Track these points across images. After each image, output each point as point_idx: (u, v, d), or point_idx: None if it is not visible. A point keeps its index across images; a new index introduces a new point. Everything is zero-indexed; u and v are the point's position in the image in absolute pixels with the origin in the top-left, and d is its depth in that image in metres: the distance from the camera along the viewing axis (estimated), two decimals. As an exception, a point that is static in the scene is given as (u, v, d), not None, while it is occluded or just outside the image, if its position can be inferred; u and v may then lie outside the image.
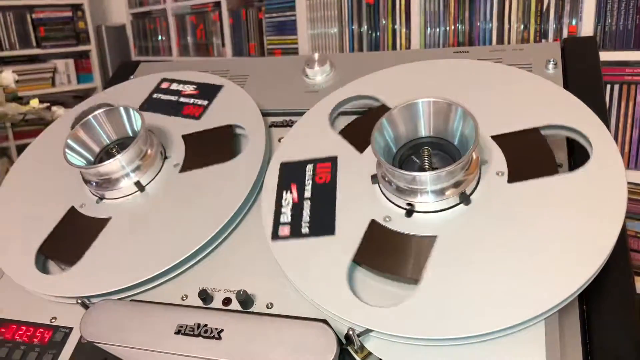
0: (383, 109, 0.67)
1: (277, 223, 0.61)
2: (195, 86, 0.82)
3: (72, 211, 0.70)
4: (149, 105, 0.81)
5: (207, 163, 0.70)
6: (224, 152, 0.70)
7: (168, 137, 0.75)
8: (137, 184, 0.69)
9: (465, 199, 0.56)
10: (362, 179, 0.62)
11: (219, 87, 0.80)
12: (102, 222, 0.67)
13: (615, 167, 0.55)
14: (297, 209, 0.61)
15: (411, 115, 0.59)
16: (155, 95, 0.83)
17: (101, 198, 0.70)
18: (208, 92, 0.80)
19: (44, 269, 0.67)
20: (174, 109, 0.79)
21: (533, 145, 0.60)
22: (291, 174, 0.65)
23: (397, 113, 0.59)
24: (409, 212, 0.57)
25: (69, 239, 0.68)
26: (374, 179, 0.60)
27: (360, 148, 0.65)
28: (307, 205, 0.61)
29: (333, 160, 0.65)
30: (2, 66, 2.88)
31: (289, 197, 0.63)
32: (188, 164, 0.71)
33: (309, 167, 0.65)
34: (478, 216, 0.55)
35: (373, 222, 0.57)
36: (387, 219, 0.57)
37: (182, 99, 0.80)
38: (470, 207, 0.56)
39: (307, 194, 0.62)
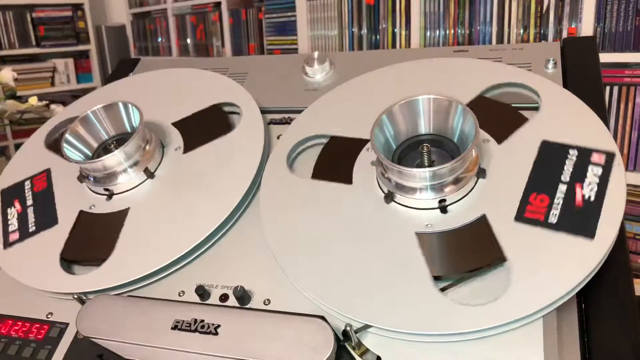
0: (335, 140, 0.67)
1: None
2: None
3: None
4: None
5: (209, 139, 0.71)
6: (221, 127, 0.72)
7: (168, 135, 0.75)
8: (146, 170, 0.69)
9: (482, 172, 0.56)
10: (376, 204, 0.60)
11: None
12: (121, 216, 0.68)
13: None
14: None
15: (411, 112, 0.59)
16: None
17: (111, 196, 0.70)
18: None
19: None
20: None
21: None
22: None
23: (397, 110, 0.59)
24: (443, 209, 0.56)
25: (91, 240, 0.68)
26: (388, 198, 0.58)
27: (347, 181, 0.63)
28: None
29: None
30: (1, 65, 2.88)
31: None
32: (189, 145, 0.72)
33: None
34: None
35: (419, 235, 0.55)
36: (429, 226, 0.56)
37: None
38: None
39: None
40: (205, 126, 0.73)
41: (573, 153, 0.56)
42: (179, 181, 0.69)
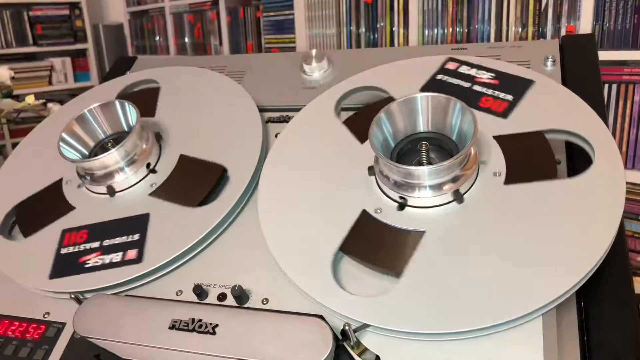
0: (389, 100, 0.66)
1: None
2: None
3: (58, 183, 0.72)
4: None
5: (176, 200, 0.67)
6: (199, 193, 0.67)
7: (166, 134, 0.74)
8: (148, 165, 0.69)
9: (458, 197, 0.55)
10: (360, 170, 0.61)
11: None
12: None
13: (615, 170, 0.55)
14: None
15: (410, 109, 0.59)
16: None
17: (114, 192, 0.69)
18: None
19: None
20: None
21: (535, 148, 0.59)
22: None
23: (395, 107, 0.59)
24: (401, 206, 0.57)
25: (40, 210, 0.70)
26: (371, 170, 0.60)
27: (362, 139, 0.64)
28: None
29: None
30: (-2, 64, 2.87)
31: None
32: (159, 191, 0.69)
33: None
34: (470, 214, 0.55)
35: (364, 213, 0.57)
36: (379, 211, 0.57)
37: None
38: (463, 206, 0.56)
39: None
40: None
41: None
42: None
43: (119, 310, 0.56)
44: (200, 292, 0.58)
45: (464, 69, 0.70)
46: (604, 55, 1.40)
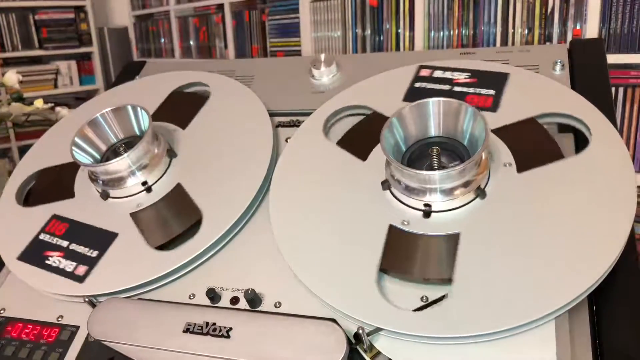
0: (375, 116, 0.68)
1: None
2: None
3: None
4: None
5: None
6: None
7: (177, 138, 0.75)
8: (144, 184, 0.69)
9: (481, 192, 0.56)
10: (371, 186, 0.61)
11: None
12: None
13: (619, 155, 0.56)
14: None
15: (421, 114, 0.59)
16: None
17: (107, 196, 0.70)
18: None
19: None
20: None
21: (533, 135, 0.61)
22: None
23: (407, 112, 0.59)
24: (427, 213, 0.57)
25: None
26: (385, 184, 0.59)
27: (362, 156, 0.64)
28: None
29: None
30: (4, 67, 2.89)
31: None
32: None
33: None
34: (495, 208, 0.56)
35: (392, 228, 0.56)
36: (406, 223, 0.56)
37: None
38: (486, 201, 0.56)
39: None
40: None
41: None
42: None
43: (133, 313, 0.57)
44: (213, 295, 0.59)
45: (438, 74, 0.72)
46: (610, 58, 1.40)
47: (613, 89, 1.46)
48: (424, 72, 0.72)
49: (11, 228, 0.71)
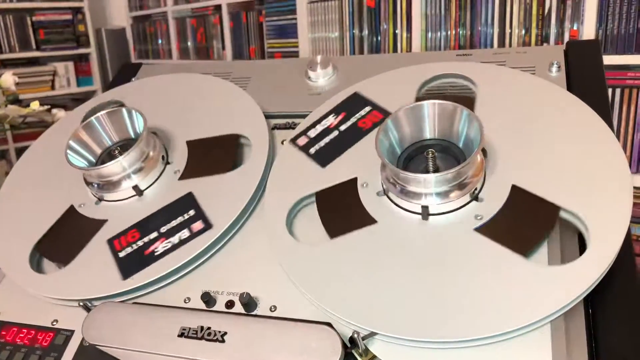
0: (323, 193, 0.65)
1: (304, 132, 0.68)
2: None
3: (71, 210, 0.70)
4: None
5: (208, 173, 0.69)
6: (225, 163, 0.70)
7: (172, 141, 0.75)
8: (135, 188, 0.68)
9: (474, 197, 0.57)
10: (409, 228, 0.58)
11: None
12: (99, 224, 0.68)
13: (615, 157, 0.56)
14: (325, 132, 0.68)
15: (416, 117, 0.59)
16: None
17: (100, 199, 0.70)
18: None
19: (38, 268, 0.68)
20: None
21: None
22: (352, 105, 0.70)
23: (402, 115, 0.59)
24: (477, 198, 0.57)
25: (65, 238, 0.68)
26: (425, 214, 0.57)
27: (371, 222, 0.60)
28: (333, 134, 0.64)
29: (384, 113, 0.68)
30: (1, 69, 2.88)
31: (330, 120, 0.67)
32: (188, 173, 0.70)
33: (367, 108, 0.69)
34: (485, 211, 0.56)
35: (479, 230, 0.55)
36: (480, 217, 0.56)
37: None
38: (477, 205, 0.56)
39: (343, 127, 0.67)
40: (215, 155, 0.72)
41: None
42: (168, 200, 0.68)
43: (128, 317, 0.56)
44: (208, 299, 0.58)
45: (313, 132, 0.70)
46: (607, 59, 1.40)
47: (610, 90, 1.46)
48: (301, 141, 0.70)
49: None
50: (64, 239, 0.68)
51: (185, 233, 0.63)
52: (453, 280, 0.51)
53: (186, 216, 0.65)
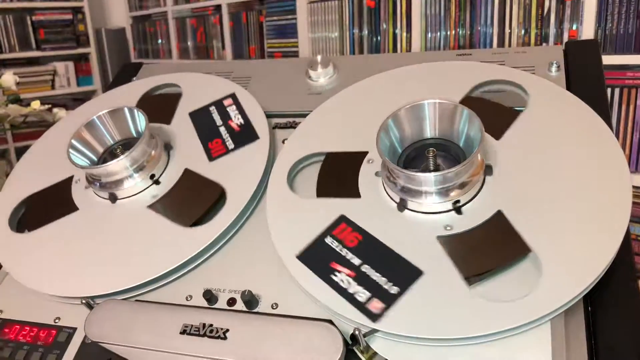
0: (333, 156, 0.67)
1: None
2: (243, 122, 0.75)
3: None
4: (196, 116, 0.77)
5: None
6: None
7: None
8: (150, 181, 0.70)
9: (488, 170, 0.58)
10: (384, 214, 0.59)
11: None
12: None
13: (614, 156, 0.57)
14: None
15: (416, 116, 0.60)
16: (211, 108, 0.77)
17: (103, 197, 0.70)
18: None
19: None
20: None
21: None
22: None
23: (403, 114, 0.59)
24: (458, 210, 0.56)
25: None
26: (401, 206, 0.58)
27: (355, 194, 0.62)
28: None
29: None
30: (2, 68, 2.88)
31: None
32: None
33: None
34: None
35: (441, 238, 0.55)
36: (449, 228, 0.55)
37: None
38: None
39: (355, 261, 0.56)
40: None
41: None
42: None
43: (130, 315, 0.57)
44: (210, 297, 0.59)
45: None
46: (606, 59, 1.41)
47: (609, 90, 1.46)
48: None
49: (27, 260, 0.68)
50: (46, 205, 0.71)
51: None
52: (445, 280, 0.52)
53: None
